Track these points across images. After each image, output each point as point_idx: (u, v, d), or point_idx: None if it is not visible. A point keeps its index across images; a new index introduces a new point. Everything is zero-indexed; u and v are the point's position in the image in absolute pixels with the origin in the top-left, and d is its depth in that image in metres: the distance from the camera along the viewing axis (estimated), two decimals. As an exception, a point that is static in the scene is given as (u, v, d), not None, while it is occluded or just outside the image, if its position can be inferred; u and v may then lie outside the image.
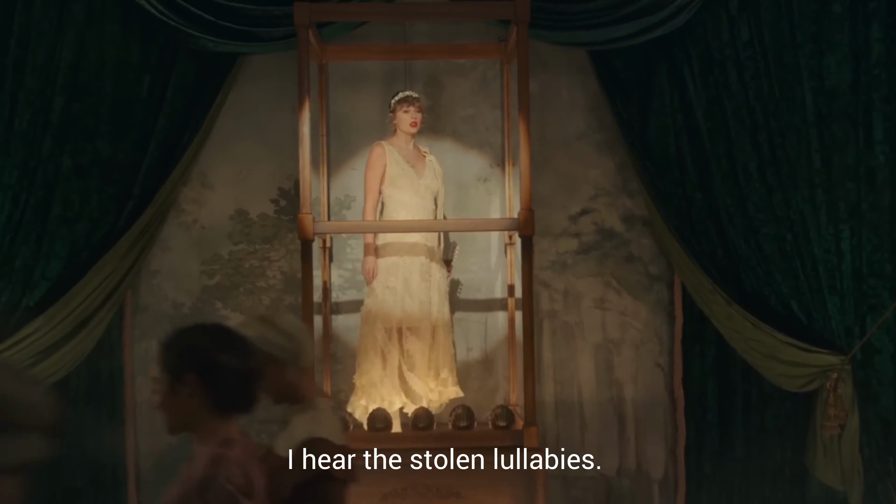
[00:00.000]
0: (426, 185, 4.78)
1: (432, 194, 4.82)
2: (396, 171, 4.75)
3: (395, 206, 4.80)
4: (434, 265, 4.90)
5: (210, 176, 5.45)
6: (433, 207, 4.83)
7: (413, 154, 4.87)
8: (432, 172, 4.86)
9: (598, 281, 5.51)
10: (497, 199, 5.53)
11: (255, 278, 5.44)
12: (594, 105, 5.45)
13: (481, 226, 5.06)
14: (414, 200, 4.77)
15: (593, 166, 5.51)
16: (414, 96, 4.88)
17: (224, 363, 2.42)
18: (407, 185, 4.75)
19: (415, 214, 4.77)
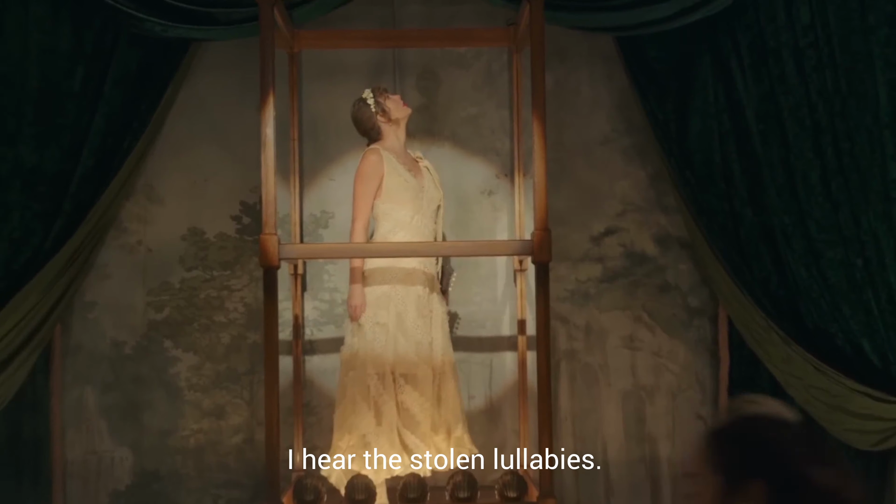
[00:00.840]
0: (428, 198, 4.44)
1: (435, 208, 4.47)
2: (396, 182, 4.39)
3: (391, 224, 4.41)
4: (435, 297, 4.51)
5: (158, 188, 5.16)
6: (433, 223, 4.49)
7: (407, 160, 4.51)
8: (431, 181, 4.52)
9: (626, 315, 5.21)
10: (504, 215, 5.18)
11: (212, 311, 5.14)
12: (622, 103, 5.16)
13: (486, 249, 4.60)
14: (416, 219, 4.41)
15: (620, 177, 5.21)
16: (384, 86, 4.60)
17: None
18: (409, 198, 4.40)
19: (416, 235, 4.39)
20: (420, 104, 5.10)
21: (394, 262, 4.35)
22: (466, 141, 5.18)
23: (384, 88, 4.48)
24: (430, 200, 4.46)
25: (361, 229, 4.38)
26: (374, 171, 4.37)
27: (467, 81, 5.18)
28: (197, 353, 5.12)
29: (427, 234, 4.42)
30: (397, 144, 4.45)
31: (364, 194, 4.37)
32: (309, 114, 5.13)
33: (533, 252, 4.26)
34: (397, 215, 4.37)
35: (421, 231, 4.41)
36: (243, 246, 5.15)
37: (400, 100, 4.46)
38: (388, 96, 4.44)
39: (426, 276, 4.43)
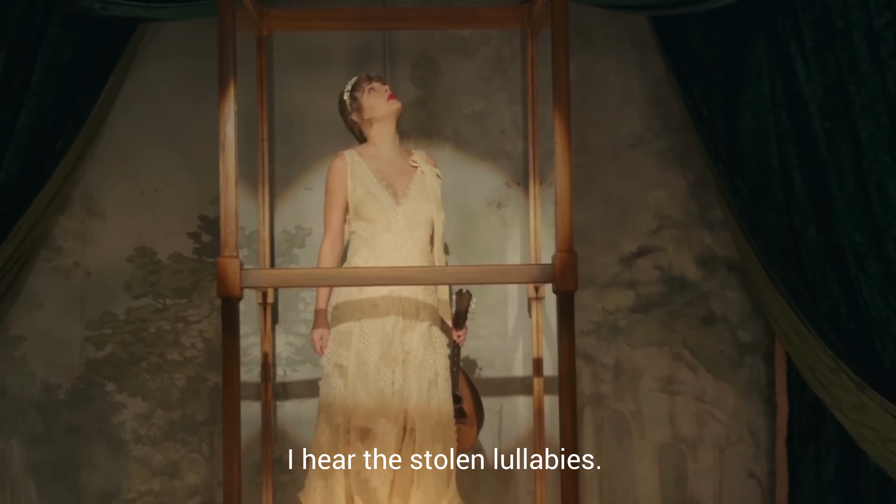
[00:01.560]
0: (407, 214, 4.16)
1: (419, 226, 4.18)
2: (362, 195, 4.16)
3: (357, 246, 4.19)
4: (420, 332, 4.14)
5: (99, 199, 4.99)
6: (421, 244, 4.18)
7: (395, 166, 4.25)
8: (422, 192, 4.21)
9: (663, 352, 5.05)
10: (517, 232, 4.96)
11: (165, 348, 4.97)
12: (658, 97, 5.00)
13: (495, 276, 4.15)
14: (386, 239, 4.14)
15: (656, 185, 5.03)
16: (372, 73, 4.34)
17: None
18: (375, 214, 4.15)
19: (386, 258, 4.13)
20: (415, 98, 4.88)
21: (357, 291, 4.10)
22: (471, 142, 4.97)
23: (372, 77, 4.28)
24: (412, 216, 4.18)
25: (328, 250, 4.18)
26: (335, 182, 4.17)
27: (472, 71, 4.98)
28: (146, 399, 4.95)
29: (404, 258, 4.14)
30: (383, 147, 4.22)
31: (329, 207, 4.19)
32: (282, 110, 4.91)
33: (554, 279, 3.83)
34: (364, 234, 4.16)
35: (395, 253, 4.14)
36: (202, 269, 4.97)
37: (387, 91, 4.22)
38: (373, 88, 4.21)
39: (403, 307, 4.14)
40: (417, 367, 4.16)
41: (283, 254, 4.94)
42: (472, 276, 4.13)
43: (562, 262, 3.84)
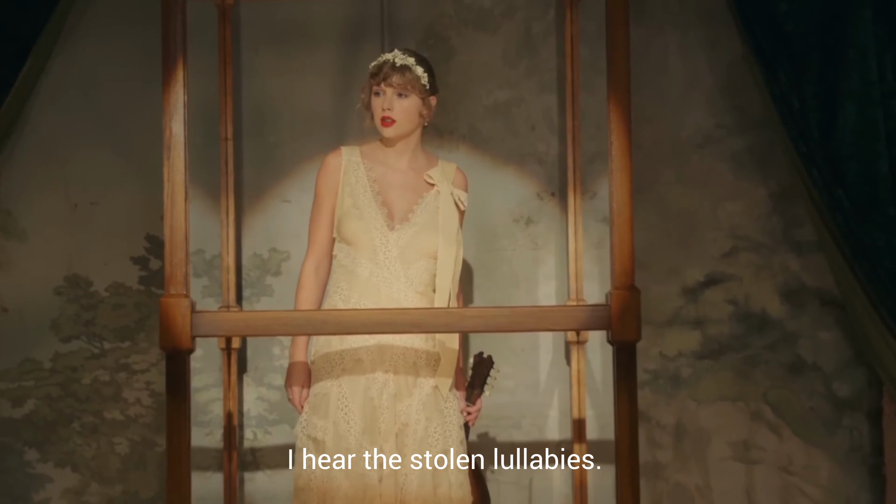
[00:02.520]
0: (402, 244, 3.83)
1: (417, 260, 3.85)
2: (348, 207, 3.86)
3: (340, 276, 3.84)
4: (420, 392, 3.77)
5: (18, 215, 4.87)
6: (418, 284, 3.84)
7: (402, 178, 3.94)
8: (429, 218, 3.89)
9: (737, 409, 4.91)
10: (551, 256, 4.70)
11: (102, 404, 4.80)
12: (732, 84, 4.85)
13: (530, 321, 3.63)
14: (367, 271, 3.77)
15: (729, 196, 4.86)
16: (397, 61, 3.84)
17: None
18: (360, 237, 3.82)
19: (368, 299, 3.78)
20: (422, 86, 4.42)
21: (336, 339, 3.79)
22: (493, 142, 4.81)
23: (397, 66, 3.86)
24: (408, 247, 3.85)
25: (310, 272, 3.84)
26: (325, 183, 3.89)
27: (494, 51, 4.81)
28: (77, 470, 4.78)
29: (391, 299, 3.81)
30: (394, 150, 3.89)
31: (315, 218, 3.89)
32: (252, 100, 4.72)
33: (611, 326, 3.44)
34: (344, 261, 3.83)
35: (380, 293, 3.80)
36: (151, 303, 4.80)
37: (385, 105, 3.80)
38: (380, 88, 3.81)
39: (396, 361, 3.77)
40: (417, 443, 3.73)
41: (254, 284, 4.67)
42: (498, 320, 3.61)
43: (621, 302, 3.42)
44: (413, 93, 3.76)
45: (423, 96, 3.78)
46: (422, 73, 3.77)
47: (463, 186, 3.89)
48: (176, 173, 3.41)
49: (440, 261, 3.82)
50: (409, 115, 3.78)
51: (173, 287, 3.38)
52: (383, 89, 3.80)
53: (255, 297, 4.60)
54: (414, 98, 3.76)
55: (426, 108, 3.76)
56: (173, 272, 3.39)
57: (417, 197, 3.90)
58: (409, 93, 3.77)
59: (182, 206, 3.41)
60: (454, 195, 3.83)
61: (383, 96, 3.80)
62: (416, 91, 3.77)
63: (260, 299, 4.57)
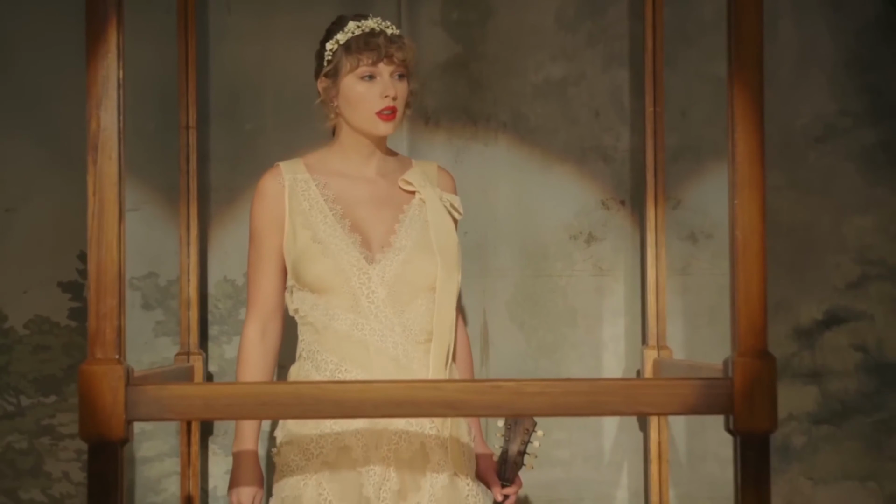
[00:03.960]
0: (390, 278, 3.46)
1: (414, 298, 3.47)
2: (306, 243, 3.49)
3: (307, 336, 3.46)
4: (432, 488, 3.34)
5: None
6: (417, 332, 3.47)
7: (372, 190, 3.61)
8: (418, 236, 3.53)
9: (868, 491, 4.46)
10: (619, 285, 4.27)
11: (18, 480, 4.34)
12: (862, 57, 4.38)
13: (607, 401, 3.06)
14: (348, 324, 3.40)
15: (857, 207, 4.43)
16: (388, 30, 3.54)
17: None
18: (331, 279, 3.44)
19: (354, 361, 3.40)
20: (449, 58, 4.21)
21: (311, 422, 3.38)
22: (543, 132, 4.33)
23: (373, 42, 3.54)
24: (399, 282, 3.48)
25: (253, 340, 3.44)
26: (260, 218, 3.54)
27: (546, 10, 4.35)
28: None
29: (387, 359, 3.41)
30: (356, 154, 3.56)
31: (253, 267, 3.52)
32: (224, 74, 4.29)
33: (734, 409, 2.85)
34: (311, 316, 3.45)
35: (369, 351, 3.42)
36: (85, 344, 3.87)
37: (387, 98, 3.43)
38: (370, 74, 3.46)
39: (399, 449, 3.34)
40: None
41: (223, 319, 4.20)
42: (569, 400, 3.03)
43: (749, 375, 2.83)
44: (411, 72, 3.48)
45: (411, 76, 3.52)
46: (411, 44, 3.49)
47: (451, 189, 3.58)
48: (105, 182, 2.83)
49: (441, 294, 3.41)
50: (406, 103, 3.50)
51: (100, 349, 2.81)
52: (379, 70, 3.41)
53: (225, 336, 4.09)
54: (407, 81, 3.46)
55: (412, 93, 3.48)
56: (100, 326, 2.82)
57: (397, 212, 3.50)
58: (407, 72, 3.45)
59: (114, 229, 2.83)
60: (444, 201, 3.49)
61: (378, 80, 3.42)
62: (414, 70, 3.50)
63: (231, 340, 4.08)
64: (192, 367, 3.70)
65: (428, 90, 3.97)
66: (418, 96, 3.58)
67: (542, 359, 4.06)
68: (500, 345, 4.01)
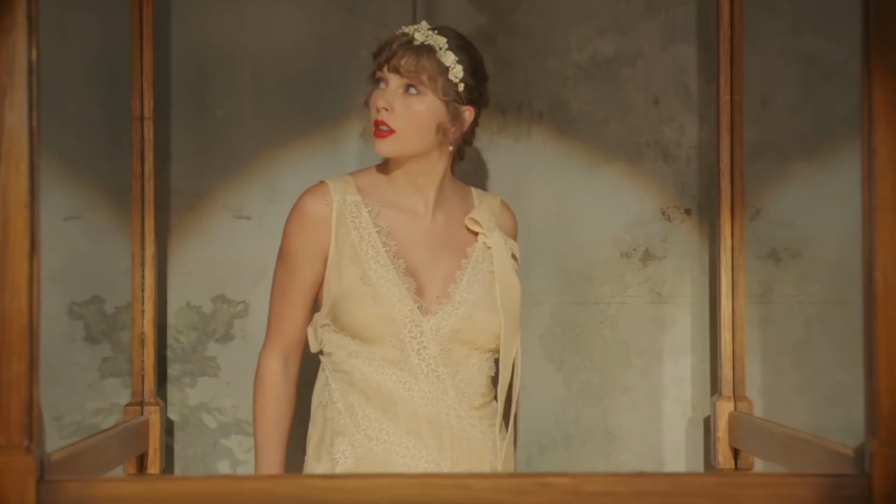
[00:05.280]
0: (443, 335, 3.27)
1: (471, 360, 3.30)
2: (352, 280, 3.31)
3: (340, 390, 3.30)
4: None
5: None
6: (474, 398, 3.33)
7: (429, 226, 3.39)
8: (483, 288, 3.34)
9: None
10: (683, 315, 3.89)
11: None
12: None
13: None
14: (393, 380, 3.26)
15: None
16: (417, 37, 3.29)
17: None
18: (378, 328, 3.24)
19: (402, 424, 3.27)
20: (474, 28, 3.83)
21: None
22: (588, 123, 3.96)
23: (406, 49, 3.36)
24: (457, 341, 3.31)
25: (276, 369, 3.32)
26: (301, 243, 3.33)
27: None
28: None
29: (440, 428, 3.31)
30: (412, 177, 3.38)
31: (282, 289, 3.35)
32: (188, 50, 3.90)
33: None
34: (348, 365, 3.30)
35: (420, 420, 3.33)
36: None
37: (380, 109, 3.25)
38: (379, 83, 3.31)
39: None
40: None
41: (187, 356, 3.81)
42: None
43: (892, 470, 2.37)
44: (431, 90, 3.20)
45: (449, 100, 3.20)
46: (454, 62, 3.20)
47: (513, 232, 3.46)
48: (10, 202, 2.31)
49: (505, 355, 3.28)
50: (419, 124, 3.20)
51: (2, 433, 2.28)
52: (385, 76, 3.24)
53: (189, 378, 3.69)
54: (431, 99, 3.20)
55: (456, 121, 3.19)
56: (2, 401, 2.31)
57: (458, 257, 3.35)
58: (424, 89, 3.20)
59: (23, 266, 2.30)
60: (509, 246, 3.35)
61: (383, 88, 3.25)
62: (436, 89, 3.20)
63: (197, 382, 3.69)
64: (146, 421, 3.21)
65: None
66: (466, 129, 3.25)
67: (585, 407, 3.62)
68: (534, 389, 3.63)
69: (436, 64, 3.23)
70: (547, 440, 3.68)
